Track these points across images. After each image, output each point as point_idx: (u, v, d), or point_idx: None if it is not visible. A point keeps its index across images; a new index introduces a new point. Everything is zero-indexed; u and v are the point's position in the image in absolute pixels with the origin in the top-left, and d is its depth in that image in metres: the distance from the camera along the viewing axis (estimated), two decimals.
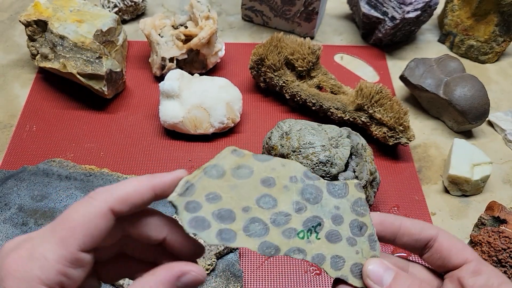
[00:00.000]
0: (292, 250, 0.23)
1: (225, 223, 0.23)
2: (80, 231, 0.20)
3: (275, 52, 0.55)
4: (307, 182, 0.24)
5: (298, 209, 0.24)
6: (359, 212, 0.25)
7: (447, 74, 0.56)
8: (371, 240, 0.25)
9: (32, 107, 0.57)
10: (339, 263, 0.24)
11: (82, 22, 0.55)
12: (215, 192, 0.23)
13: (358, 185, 0.25)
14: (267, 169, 0.24)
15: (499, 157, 0.55)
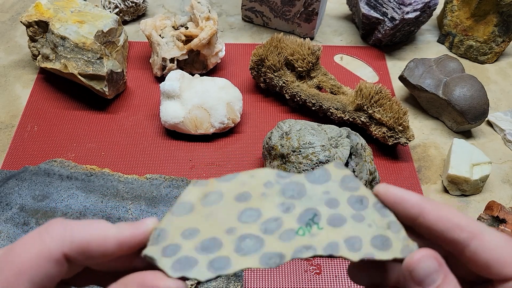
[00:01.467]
0: (299, 250, 0.21)
1: (212, 252, 0.20)
2: (27, 277, 0.18)
3: (275, 53, 0.55)
4: (283, 181, 0.22)
5: (286, 210, 0.22)
6: (351, 187, 0.22)
7: (446, 74, 0.57)
8: (378, 208, 0.22)
9: (33, 107, 0.57)
10: (356, 243, 0.21)
11: (83, 23, 0.55)
12: (191, 227, 0.21)
13: (339, 164, 0.23)
14: (237, 186, 0.22)
15: (499, 157, 0.55)
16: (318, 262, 0.45)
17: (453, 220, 0.19)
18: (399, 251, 0.21)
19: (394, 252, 0.21)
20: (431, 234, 0.20)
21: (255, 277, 0.44)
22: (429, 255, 0.19)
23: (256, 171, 0.22)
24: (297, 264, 0.45)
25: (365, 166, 0.46)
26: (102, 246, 0.19)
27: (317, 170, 0.23)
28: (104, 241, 0.19)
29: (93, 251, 0.19)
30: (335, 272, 0.44)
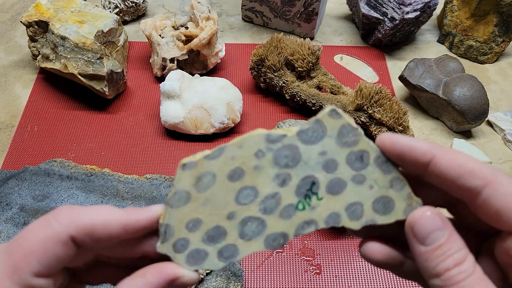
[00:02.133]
0: (300, 227, 0.20)
1: (219, 242, 0.21)
2: (35, 258, 0.18)
3: (275, 53, 0.55)
4: (275, 147, 0.20)
5: (282, 182, 0.20)
6: (350, 142, 0.20)
7: (446, 74, 0.57)
8: (380, 163, 0.20)
9: (33, 107, 0.57)
10: (357, 210, 0.20)
11: (83, 23, 0.55)
12: (192, 218, 0.21)
13: (333, 112, 0.20)
14: (227, 162, 0.20)
15: (499, 157, 0.55)
16: (318, 262, 0.45)
17: (466, 166, 0.18)
18: (402, 211, 0.20)
19: (397, 213, 0.20)
20: (443, 182, 0.19)
21: (255, 277, 0.44)
22: (432, 212, 0.18)
23: (243, 138, 0.20)
24: (297, 264, 0.45)
25: None
26: (107, 229, 0.19)
27: (311, 125, 0.20)
28: (110, 224, 0.19)
29: (99, 233, 0.19)
30: (335, 272, 0.44)
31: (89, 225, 0.19)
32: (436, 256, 0.18)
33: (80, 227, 0.19)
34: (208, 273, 0.42)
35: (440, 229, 0.18)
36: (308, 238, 0.47)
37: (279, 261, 0.45)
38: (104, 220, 0.19)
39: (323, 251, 0.46)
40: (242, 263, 0.45)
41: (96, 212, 0.19)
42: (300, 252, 0.46)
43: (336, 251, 0.46)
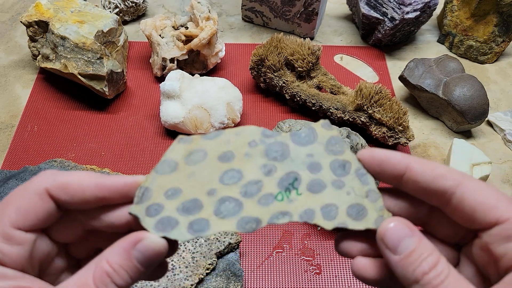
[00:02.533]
0: (275, 216, 0.21)
1: (192, 214, 0.21)
2: (12, 208, 0.20)
3: (275, 53, 0.55)
4: (268, 141, 0.22)
5: (267, 172, 0.21)
6: (336, 151, 0.22)
7: (446, 74, 0.57)
8: (360, 174, 0.21)
9: (33, 107, 0.57)
10: (332, 212, 0.21)
11: (83, 23, 0.55)
12: (173, 186, 0.21)
13: (326, 124, 0.22)
14: (221, 144, 0.22)
15: (499, 157, 0.55)
16: (318, 262, 0.45)
17: (438, 170, 0.20)
18: (373, 221, 0.21)
19: (368, 222, 0.21)
20: (418, 188, 0.20)
21: (255, 277, 0.44)
22: (399, 221, 0.20)
23: (242, 128, 0.22)
24: (297, 264, 0.45)
25: None
26: (81, 185, 0.20)
27: (304, 130, 0.22)
28: (84, 181, 0.20)
29: (73, 188, 0.20)
30: (335, 272, 0.44)
31: (64, 180, 0.20)
32: (411, 262, 0.18)
33: (56, 181, 0.20)
34: (208, 273, 0.42)
35: (409, 236, 0.19)
36: (308, 238, 0.47)
37: (279, 261, 0.45)
38: (79, 178, 0.21)
39: (323, 251, 0.46)
40: (242, 263, 0.45)
41: (74, 173, 0.21)
42: (300, 252, 0.46)
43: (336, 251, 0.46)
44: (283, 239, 0.47)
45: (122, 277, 0.19)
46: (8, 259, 0.20)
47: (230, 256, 0.44)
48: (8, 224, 0.20)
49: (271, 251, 0.46)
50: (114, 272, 0.19)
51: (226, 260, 0.43)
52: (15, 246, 0.20)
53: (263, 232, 0.47)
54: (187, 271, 0.41)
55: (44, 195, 0.20)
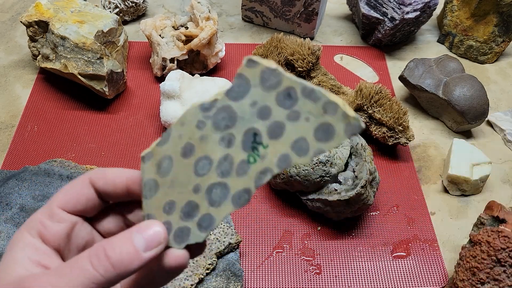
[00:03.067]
0: (258, 178, 0.21)
1: (195, 215, 0.22)
2: (62, 191, 0.24)
3: (275, 53, 0.55)
4: (211, 113, 0.21)
5: (228, 143, 0.21)
6: (273, 84, 0.20)
7: (446, 75, 0.56)
8: (307, 93, 0.20)
9: (33, 107, 0.57)
10: (303, 146, 0.20)
11: (83, 23, 0.55)
12: (166, 201, 0.22)
13: (249, 61, 0.21)
14: (176, 142, 0.22)
15: (498, 157, 0.55)
16: (318, 262, 0.45)
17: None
18: (342, 132, 0.20)
19: (340, 136, 0.20)
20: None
21: (255, 277, 0.44)
22: None
23: (183, 116, 0.22)
24: (297, 264, 0.45)
25: (365, 166, 0.46)
26: (114, 176, 0.24)
27: (235, 81, 0.21)
28: (118, 172, 0.24)
29: (108, 178, 0.23)
30: (335, 272, 0.44)
31: (103, 170, 0.24)
32: None
33: (98, 171, 0.24)
34: (208, 273, 0.42)
35: None
36: (308, 238, 0.47)
37: (279, 261, 0.45)
38: (116, 170, 0.24)
39: (323, 251, 0.46)
40: (242, 263, 0.45)
41: (114, 168, 0.24)
42: (300, 252, 0.46)
43: (336, 251, 0.46)
44: (283, 239, 0.47)
45: None
46: (47, 233, 0.22)
47: (230, 256, 0.43)
48: (55, 204, 0.23)
49: (271, 251, 0.46)
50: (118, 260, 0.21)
51: (226, 260, 0.43)
52: (56, 223, 0.23)
53: (263, 232, 0.47)
54: (187, 271, 0.41)
55: (87, 182, 0.24)
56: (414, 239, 0.47)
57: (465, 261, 0.41)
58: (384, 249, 0.46)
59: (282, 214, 0.49)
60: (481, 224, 0.44)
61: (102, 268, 0.20)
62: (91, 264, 0.20)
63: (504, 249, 0.40)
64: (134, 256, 0.20)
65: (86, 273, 0.19)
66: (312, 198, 0.45)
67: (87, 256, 0.20)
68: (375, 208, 0.49)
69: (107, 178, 0.23)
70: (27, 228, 0.23)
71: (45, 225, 0.23)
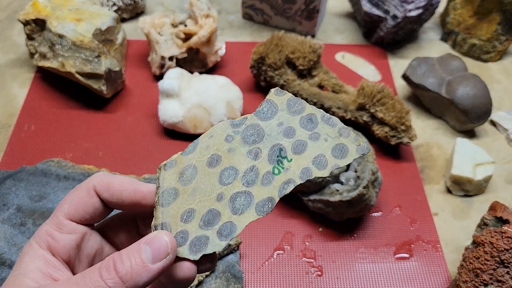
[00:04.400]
0: (281, 188, 0.23)
1: (216, 223, 0.23)
2: (67, 201, 0.24)
3: (275, 51, 0.55)
4: (240, 129, 0.24)
5: (255, 156, 0.24)
6: (298, 110, 0.25)
7: (449, 73, 0.56)
8: (326, 120, 0.25)
9: (30, 106, 0.57)
10: (322, 161, 0.24)
11: (81, 21, 0.55)
12: (185, 210, 0.23)
13: (278, 91, 0.25)
14: (203, 152, 0.24)
15: (502, 157, 0.55)
16: (320, 264, 0.45)
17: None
18: (355, 152, 0.24)
19: (352, 154, 0.24)
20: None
21: (256, 279, 0.43)
22: None
23: (212, 129, 0.24)
24: (299, 265, 0.44)
25: (368, 166, 0.45)
26: (120, 186, 0.23)
27: (263, 105, 0.25)
28: (123, 183, 0.24)
29: (114, 188, 0.23)
30: (337, 274, 0.44)
31: (108, 180, 0.24)
32: None
33: (102, 180, 0.24)
34: (208, 275, 0.42)
35: None
36: (310, 239, 0.46)
37: (280, 262, 0.44)
38: (121, 180, 0.24)
39: (325, 253, 0.45)
40: (242, 265, 0.44)
41: (118, 176, 0.24)
42: (301, 254, 0.45)
43: (337, 252, 0.45)
44: (284, 240, 0.46)
45: None
46: (57, 245, 0.23)
47: (230, 258, 0.43)
48: (62, 215, 0.23)
49: (271, 253, 0.45)
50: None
51: (226, 261, 0.43)
52: (65, 234, 0.23)
53: (264, 233, 0.47)
54: None
55: (92, 191, 0.24)
56: (417, 240, 0.47)
57: (468, 262, 0.40)
58: (387, 250, 0.46)
59: (283, 215, 0.48)
60: (484, 225, 0.43)
61: (111, 282, 0.20)
62: (101, 277, 0.20)
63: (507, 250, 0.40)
64: (142, 269, 0.20)
65: (95, 284, 0.19)
66: (313, 198, 0.45)
67: (98, 269, 0.20)
68: (377, 209, 0.49)
69: (112, 190, 0.23)
70: (36, 240, 0.23)
71: (55, 237, 0.23)
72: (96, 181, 0.24)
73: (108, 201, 0.24)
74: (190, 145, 0.24)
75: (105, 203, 0.24)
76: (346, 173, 0.45)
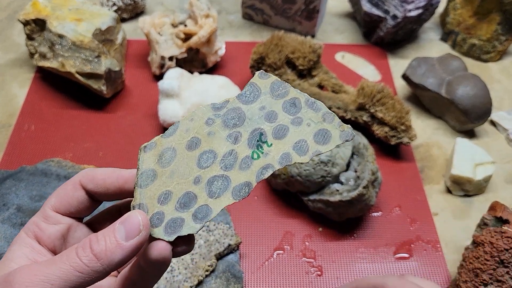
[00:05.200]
0: (259, 173, 0.23)
1: (191, 206, 0.23)
2: (54, 194, 0.25)
3: (275, 51, 0.55)
4: (221, 113, 0.24)
5: (235, 140, 0.24)
6: (281, 93, 0.24)
7: (449, 73, 0.56)
8: (310, 104, 0.24)
9: (30, 106, 0.57)
10: (303, 146, 0.24)
11: (81, 21, 0.55)
12: (162, 192, 0.23)
13: (261, 74, 0.24)
14: (182, 135, 0.24)
15: (502, 157, 0.55)
16: (320, 264, 0.45)
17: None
18: (338, 138, 0.24)
19: (335, 140, 0.24)
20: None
21: (255, 279, 0.43)
22: None
23: (193, 112, 0.24)
24: (298, 265, 0.44)
25: (367, 166, 0.45)
26: (103, 175, 0.24)
27: (246, 88, 0.24)
28: (106, 172, 0.24)
29: (98, 178, 0.24)
30: (337, 274, 0.44)
31: (92, 172, 0.24)
32: None
33: (87, 173, 0.25)
34: (208, 275, 0.42)
35: None
36: (310, 239, 0.46)
37: (280, 262, 0.44)
38: (104, 170, 0.24)
39: (325, 252, 0.45)
40: (242, 264, 0.44)
41: (102, 168, 0.25)
42: (301, 254, 0.45)
43: (337, 252, 0.45)
44: (284, 240, 0.46)
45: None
46: (43, 235, 0.24)
47: (230, 258, 0.43)
48: (48, 207, 0.24)
49: (271, 252, 0.45)
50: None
51: (226, 261, 0.43)
52: (51, 225, 0.24)
53: (264, 233, 0.47)
54: (186, 272, 0.40)
55: (77, 185, 0.24)
56: (417, 240, 0.47)
57: (468, 262, 0.40)
58: (386, 250, 0.46)
59: (283, 214, 0.48)
60: (484, 225, 0.43)
61: (86, 259, 0.20)
62: (77, 254, 0.21)
63: (507, 250, 0.40)
64: (116, 247, 0.21)
65: (71, 261, 0.20)
66: (313, 198, 0.45)
67: (75, 248, 0.21)
68: (377, 209, 0.49)
69: (96, 180, 0.24)
70: (25, 230, 0.24)
71: (41, 227, 0.24)
72: (81, 175, 0.25)
73: (94, 192, 0.24)
74: (170, 128, 0.24)
75: (92, 196, 0.25)
76: (346, 173, 0.45)
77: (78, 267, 0.20)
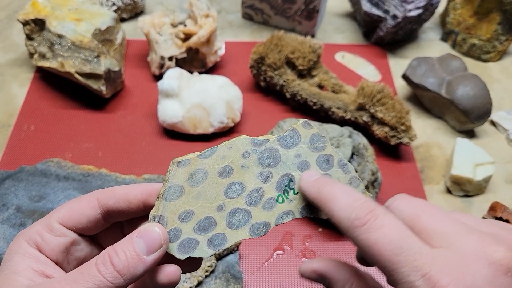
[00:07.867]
0: (280, 217, 0.24)
1: (209, 231, 0.23)
2: (66, 207, 0.24)
3: (275, 51, 0.55)
4: (259, 149, 0.24)
5: (265, 179, 0.24)
6: (319, 147, 0.25)
7: (449, 73, 0.56)
8: (342, 165, 0.25)
9: (30, 106, 0.57)
10: None
11: (80, 20, 0.55)
12: (185, 210, 0.23)
13: (305, 123, 0.25)
14: (218, 161, 0.24)
15: (502, 157, 0.54)
16: None
17: None
18: None
19: None
20: None
21: (255, 279, 0.43)
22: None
23: (233, 141, 0.24)
24: (298, 265, 0.44)
25: (367, 166, 0.45)
26: (125, 190, 0.24)
27: (288, 133, 0.25)
28: (127, 187, 0.24)
29: (118, 193, 0.24)
30: None
31: (112, 188, 0.24)
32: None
33: (106, 191, 0.24)
34: (207, 276, 0.42)
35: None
36: (309, 239, 0.46)
37: (280, 262, 0.44)
38: (125, 186, 0.24)
39: (325, 253, 0.45)
40: (242, 265, 0.44)
41: (125, 185, 0.25)
42: (301, 254, 0.45)
43: (337, 252, 0.45)
44: (284, 240, 0.46)
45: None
46: (46, 246, 0.23)
47: (229, 258, 0.43)
48: (55, 218, 0.23)
49: (271, 253, 0.45)
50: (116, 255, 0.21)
51: (226, 262, 0.43)
52: (54, 237, 0.23)
53: None
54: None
55: (94, 203, 0.24)
56: None
57: None
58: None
59: None
60: None
61: (110, 276, 0.20)
62: (99, 271, 0.20)
63: None
64: (137, 262, 0.21)
65: (95, 279, 0.20)
66: None
67: (94, 265, 0.21)
68: None
69: (118, 195, 0.24)
70: (25, 238, 0.23)
71: (44, 238, 0.23)
72: (99, 193, 0.24)
73: (114, 208, 0.24)
74: (208, 150, 0.24)
75: (106, 216, 0.24)
76: None
77: (102, 285, 0.20)
